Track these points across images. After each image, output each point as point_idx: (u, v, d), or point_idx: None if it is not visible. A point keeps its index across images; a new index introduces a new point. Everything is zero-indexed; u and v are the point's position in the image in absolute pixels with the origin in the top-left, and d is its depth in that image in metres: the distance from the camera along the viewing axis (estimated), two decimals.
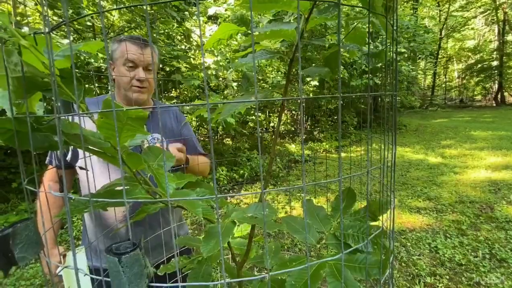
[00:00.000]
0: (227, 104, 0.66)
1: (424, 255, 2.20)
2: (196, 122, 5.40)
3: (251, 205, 0.61)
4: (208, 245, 0.44)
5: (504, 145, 5.77)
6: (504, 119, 10.41)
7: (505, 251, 2.15)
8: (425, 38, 7.41)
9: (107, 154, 0.40)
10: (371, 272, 0.49)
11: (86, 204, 0.43)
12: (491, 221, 2.65)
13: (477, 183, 3.66)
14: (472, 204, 3.05)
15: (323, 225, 0.67)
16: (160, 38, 4.27)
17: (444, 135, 7.69)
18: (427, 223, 2.71)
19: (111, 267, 0.25)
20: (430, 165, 4.71)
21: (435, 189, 3.58)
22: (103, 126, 0.32)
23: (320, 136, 7.21)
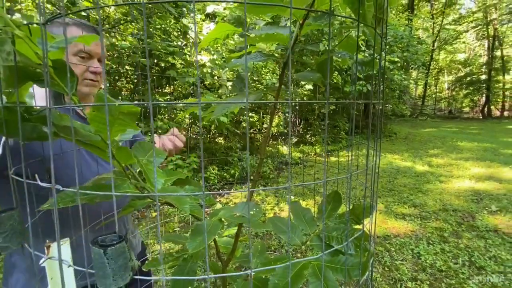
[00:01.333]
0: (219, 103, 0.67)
1: (406, 260, 2.25)
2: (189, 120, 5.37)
3: (238, 204, 0.61)
4: (194, 242, 0.45)
5: (488, 156, 5.96)
6: (490, 132, 10.75)
7: (483, 259, 2.23)
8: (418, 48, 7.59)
9: (97, 148, 0.40)
10: (352, 273, 0.50)
11: (73, 196, 0.43)
12: (472, 230, 2.73)
13: (460, 192, 3.77)
14: (455, 212, 3.14)
15: (309, 227, 0.69)
16: (156, 33, 4.23)
17: (432, 144, 7.88)
18: (411, 229, 2.77)
19: (96, 258, 0.26)
20: (417, 173, 4.82)
21: (421, 196, 3.67)
22: (95, 120, 0.32)
23: (312, 139, 7.28)
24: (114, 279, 0.26)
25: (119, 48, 3.96)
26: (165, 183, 0.48)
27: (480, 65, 21.38)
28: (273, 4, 0.40)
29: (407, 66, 8.75)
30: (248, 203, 0.41)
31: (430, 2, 19.30)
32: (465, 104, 23.94)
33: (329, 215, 0.70)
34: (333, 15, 0.30)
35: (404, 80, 7.56)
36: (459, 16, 20.85)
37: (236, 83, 0.85)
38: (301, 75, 0.61)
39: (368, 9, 0.36)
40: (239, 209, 0.59)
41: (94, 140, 0.39)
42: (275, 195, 3.84)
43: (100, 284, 0.26)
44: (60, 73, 0.33)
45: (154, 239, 2.67)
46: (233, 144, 5.07)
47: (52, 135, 0.38)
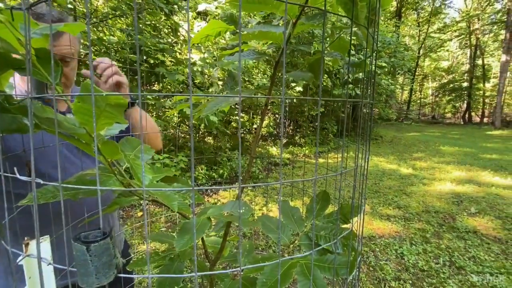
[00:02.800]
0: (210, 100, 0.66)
1: (390, 261, 2.30)
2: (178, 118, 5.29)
3: (227, 203, 0.61)
4: (182, 240, 0.44)
5: (468, 161, 6.20)
6: (470, 137, 11.20)
7: (463, 260, 2.31)
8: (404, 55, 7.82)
9: (81, 141, 0.39)
10: (340, 271, 0.51)
11: (54, 192, 0.41)
12: (453, 231, 2.83)
13: (442, 195, 3.90)
14: (436, 214, 3.25)
15: (298, 226, 0.69)
16: (146, 29, 4.15)
17: (416, 148, 8.12)
18: (395, 230, 2.84)
19: (78, 255, 0.25)
20: (402, 176, 4.95)
21: (405, 198, 3.77)
22: (79, 111, 0.31)
23: (301, 141, 7.34)
24: (97, 277, 0.25)
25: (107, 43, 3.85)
26: (153, 179, 0.46)
27: (463, 72, 22.25)
28: None
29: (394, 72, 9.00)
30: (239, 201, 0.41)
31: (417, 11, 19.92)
32: (447, 110, 24.84)
33: (318, 214, 0.71)
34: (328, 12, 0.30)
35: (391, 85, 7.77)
36: (443, 25, 21.62)
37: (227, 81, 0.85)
38: (293, 74, 0.61)
39: (361, 10, 0.36)
40: (228, 208, 0.58)
41: (79, 133, 0.37)
42: (263, 195, 3.85)
43: (82, 283, 0.25)
44: (43, 61, 0.31)
45: (139, 239, 2.61)
46: (222, 144, 5.04)
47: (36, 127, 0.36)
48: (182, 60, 4.83)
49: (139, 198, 0.51)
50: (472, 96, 19.67)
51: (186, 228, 0.47)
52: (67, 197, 0.40)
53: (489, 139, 10.47)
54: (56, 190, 0.41)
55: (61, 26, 0.33)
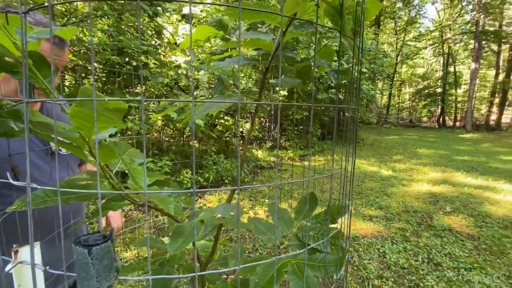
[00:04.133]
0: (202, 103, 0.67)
1: (373, 260, 2.38)
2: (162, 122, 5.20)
3: (219, 206, 0.61)
4: (176, 243, 0.44)
5: (443, 162, 6.54)
6: (444, 140, 11.82)
7: (440, 256, 2.43)
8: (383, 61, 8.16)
9: (74, 146, 0.38)
10: (329, 269, 0.53)
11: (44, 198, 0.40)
12: (430, 229, 2.97)
13: (420, 195, 4.08)
14: (415, 213, 3.39)
15: (287, 227, 0.70)
16: (129, 31, 4.06)
17: (395, 151, 8.45)
18: (377, 230, 2.94)
19: (79, 259, 0.25)
20: (383, 177, 5.13)
21: (386, 199, 3.91)
22: (76, 115, 0.31)
23: (286, 144, 7.43)
24: (98, 280, 0.25)
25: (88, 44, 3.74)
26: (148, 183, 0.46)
27: (436, 79, 23.50)
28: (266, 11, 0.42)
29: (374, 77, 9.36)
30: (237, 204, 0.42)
31: (394, 19, 20.89)
32: (423, 114, 26.07)
33: (306, 215, 0.73)
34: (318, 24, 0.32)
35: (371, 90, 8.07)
36: (419, 33, 22.80)
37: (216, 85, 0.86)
38: (283, 80, 0.63)
39: (348, 22, 0.39)
40: (219, 211, 0.59)
41: (71, 137, 0.37)
42: (249, 198, 3.85)
43: (82, 286, 0.25)
44: (38, 65, 0.31)
45: (122, 246, 2.52)
46: (208, 148, 5.00)
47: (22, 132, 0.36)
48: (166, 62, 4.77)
49: (130, 203, 0.50)
50: (445, 101, 20.80)
51: (179, 232, 0.47)
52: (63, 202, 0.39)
53: (461, 142, 11.10)
54: (46, 196, 0.40)
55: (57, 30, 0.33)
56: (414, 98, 25.13)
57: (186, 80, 4.78)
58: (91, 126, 0.33)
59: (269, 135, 7.33)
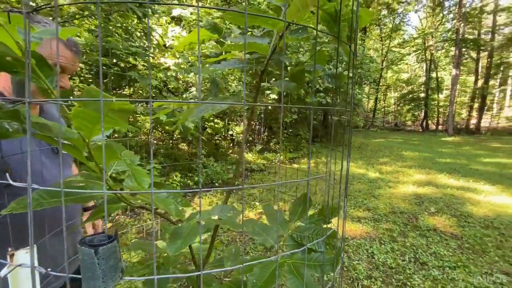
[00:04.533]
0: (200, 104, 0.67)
1: (362, 260, 2.42)
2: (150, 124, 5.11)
3: (215, 207, 0.62)
4: (175, 245, 0.44)
5: (427, 164, 6.76)
6: (428, 143, 12.22)
7: (426, 255, 2.50)
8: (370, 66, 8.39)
9: (72, 147, 0.38)
10: (325, 268, 0.54)
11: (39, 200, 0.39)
12: (416, 229, 3.06)
13: (406, 196, 4.20)
14: (402, 214, 3.48)
15: (282, 228, 0.71)
16: (117, 32, 4.00)
17: (381, 153, 8.66)
18: (366, 231, 3.00)
19: (85, 259, 0.25)
20: (370, 179, 5.24)
21: (373, 200, 3.99)
22: (79, 116, 0.31)
23: (276, 147, 7.46)
24: (104, 280, 0.25)
25: None
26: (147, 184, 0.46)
27: (420, 84, 24.35)
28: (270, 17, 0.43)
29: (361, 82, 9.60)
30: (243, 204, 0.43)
31: (380, 26, 21.54)
32: (408, 118, 26.90)
33: (300, 216, 0.74)
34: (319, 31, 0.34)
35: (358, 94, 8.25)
36: (403, 40, 23.59)
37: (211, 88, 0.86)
38: (278, 84, 0.65)
39: (343, 29, 0.41)
40: (216, 212, 0.59)
41: (70, 138, 0.36)
42: (239, 202, 3.84)
43: (88, 286, 0.25)
44: (39, 65, 0.31)
45: None
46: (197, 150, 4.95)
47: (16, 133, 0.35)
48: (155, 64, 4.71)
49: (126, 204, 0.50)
50: (428, 106, 21.56)
51: (178, 233, 0.47)
52: (56, 204, 0.38)
53: (444, 145, 11.51)
54: (41, 198, 0.39)
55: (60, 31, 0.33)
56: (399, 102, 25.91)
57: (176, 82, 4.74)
58: (92, 126, 0.33)
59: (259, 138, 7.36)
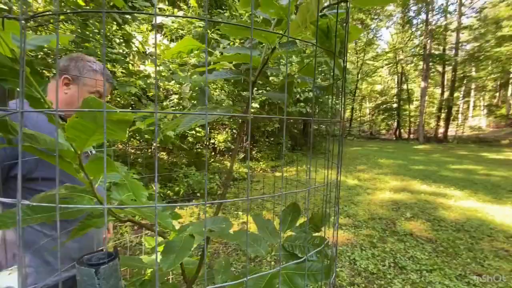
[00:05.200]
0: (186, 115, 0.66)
1: (345, 267, 2.46)
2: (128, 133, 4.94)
3: (207, 219, 0.60)
4: (168, 260, 0.42)
5: (402, 171, 7.08)
6: (402, 151, 12.85)
7: (404, 260, 2.59)
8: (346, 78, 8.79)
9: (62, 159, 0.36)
10: (317, 277, 0.54)
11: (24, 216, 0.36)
12: (394, 235, 3.17)
13: (383, 203, 4.36)
14: (380, 220, 3.60)
15: (273, 238, 0.71)
16: (96, 37, 3.87)
17: (359, 161, 8.97)
18: (347, 237, 3.06)
19: (85, 280, 0.23)
20: (349, 186, 5.39)
21: (353, 207, 4.10)
22: (75, 127, 0.29)
23: (258, 155, 7.49)
24: None
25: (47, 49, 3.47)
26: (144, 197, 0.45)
27: (392, 95, 25.77)
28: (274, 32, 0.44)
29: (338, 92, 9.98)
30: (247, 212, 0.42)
31: (355, 40, 22.68)
32: (382, 127, 28.22)
33: (290, 225, 0.75)
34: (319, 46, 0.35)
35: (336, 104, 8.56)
36: (376, 54, 24.99)
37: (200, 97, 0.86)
38: (271, 94, 0.66)
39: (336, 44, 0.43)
40: (208, 224, 0.58)
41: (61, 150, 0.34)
42: (222, 211, 3.78)
43: None
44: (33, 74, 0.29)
45: None
46: (178, 160, 4.84)
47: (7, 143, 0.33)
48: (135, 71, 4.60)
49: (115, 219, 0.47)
50: (401, 116, 22.82)
51: (171, 247, 0.45)
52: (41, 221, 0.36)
53: (416, 153, 12.16)
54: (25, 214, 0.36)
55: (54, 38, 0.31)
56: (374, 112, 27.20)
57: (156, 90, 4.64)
58: (87, 138, 0.32)
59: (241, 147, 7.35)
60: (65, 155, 0.35)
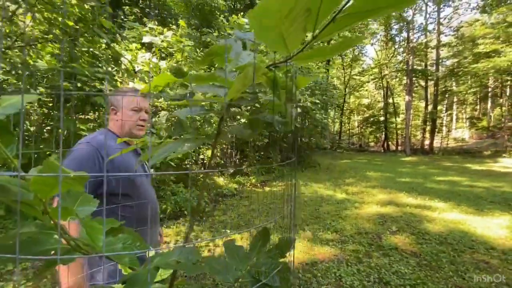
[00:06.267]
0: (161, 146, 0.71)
1: (331, 284, 2.47)
2: None
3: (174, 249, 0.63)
4: None
5: (389, 184, 7.22)
6: (389, 163, 13.13)
7: (388, 275, 2.62)
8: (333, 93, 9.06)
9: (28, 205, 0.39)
10: None
11: None
12: (380, 249, 3.21)
13: (370, 216, 4.42)
14: (366, 234, 3.65)
15: (242, 264, 0.75)
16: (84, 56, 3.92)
17: (348, 174, 9.10)
18: (334, 253, 3.08)
19: None
20: (338, 200, 5.46)
21: (341, 222, 4.14)
22: (38, 182, 0.33)
23: (248, 170, 7.50)
24: None
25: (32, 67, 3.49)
26: None
27: (379, 109, 26.54)
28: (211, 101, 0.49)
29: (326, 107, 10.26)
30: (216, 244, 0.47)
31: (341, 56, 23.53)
32: (370, 139, 28.85)
33: (259, 251, 0.78)
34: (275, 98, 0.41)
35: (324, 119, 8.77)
36: (362, 69, 25.94)
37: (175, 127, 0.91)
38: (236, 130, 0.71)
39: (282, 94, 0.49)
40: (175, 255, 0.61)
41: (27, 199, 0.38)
42: (210, 230, 3.75)
43: None
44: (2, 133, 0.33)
45: None
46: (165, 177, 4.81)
47: None
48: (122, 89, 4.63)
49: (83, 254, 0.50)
50: (388, 128, 23.45)
51: (135, 280, 0.48)
52: None
53: (403, 165, 12.44)
54: None
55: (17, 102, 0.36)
56: (362, 125, 27.85)
57: None
58: (50, 190, 0.36)
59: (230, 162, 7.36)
60: (32, 203, 0.39)
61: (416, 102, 27.04)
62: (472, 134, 25.63)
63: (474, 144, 22.02)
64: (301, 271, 2.70)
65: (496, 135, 20.95)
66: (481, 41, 17.36)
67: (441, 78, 21.13)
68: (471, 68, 17.52)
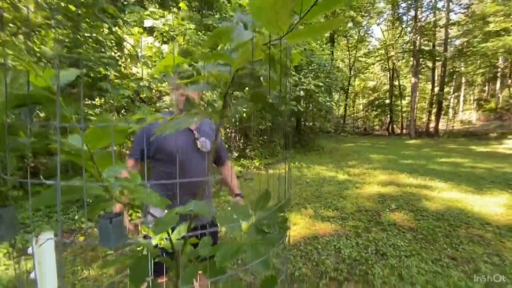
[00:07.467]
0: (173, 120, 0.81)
1: (330, 255, 2.64)
2: None
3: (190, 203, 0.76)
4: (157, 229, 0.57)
5: (391, 166, 7.32)
6: (393, 146, 13.15)
7: (385, 247, 2.78)
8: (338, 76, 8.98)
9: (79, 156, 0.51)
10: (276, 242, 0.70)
11: None
12: (378, 225, 3.36)
13: (370, 196, 4.56)
14: (366, 212, 3.80)
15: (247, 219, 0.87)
16: (88, 42, 3.97)
17: (350, 157, 9.20)
18: (334, 229, 3.24)
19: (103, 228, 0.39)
20: (339, 181, 5.59)
21: (342, 201, 4.29)
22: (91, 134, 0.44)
23: (251, 154, 7.65)
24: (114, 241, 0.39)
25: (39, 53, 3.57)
26: None
27: (385, 91, 26.15)
28: None
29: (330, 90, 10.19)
30: None
31: (347, 37, 22.94)
32: (375, 123, 28.62)
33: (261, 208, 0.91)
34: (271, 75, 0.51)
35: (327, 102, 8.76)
36: (368, 51, 25.30)
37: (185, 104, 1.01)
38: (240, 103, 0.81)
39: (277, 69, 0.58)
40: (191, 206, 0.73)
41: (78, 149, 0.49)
42: (216, 208, 3.93)
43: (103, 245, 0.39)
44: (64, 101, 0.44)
45: (82, 265, 2.43)
46: None
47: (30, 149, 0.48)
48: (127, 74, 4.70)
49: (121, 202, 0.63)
50: (393, 111, 23.20)
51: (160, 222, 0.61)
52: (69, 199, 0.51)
53: (407, 148, 12.47)
54: None
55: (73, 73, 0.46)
56: (367, 108, 27.55)
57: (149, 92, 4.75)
58: (98, 141, 0.47)
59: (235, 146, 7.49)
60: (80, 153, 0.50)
61: (422, 84, 26.50)
62: (479, 116, 25.26)
63: (481, 126, 21.77)
64: (302, 244, 2.87)
65: (504, 117, 20.65)
66: (491, 19, 16.73)
67: (449, 58, 20.58)
68: (479, 48, 17.01)
